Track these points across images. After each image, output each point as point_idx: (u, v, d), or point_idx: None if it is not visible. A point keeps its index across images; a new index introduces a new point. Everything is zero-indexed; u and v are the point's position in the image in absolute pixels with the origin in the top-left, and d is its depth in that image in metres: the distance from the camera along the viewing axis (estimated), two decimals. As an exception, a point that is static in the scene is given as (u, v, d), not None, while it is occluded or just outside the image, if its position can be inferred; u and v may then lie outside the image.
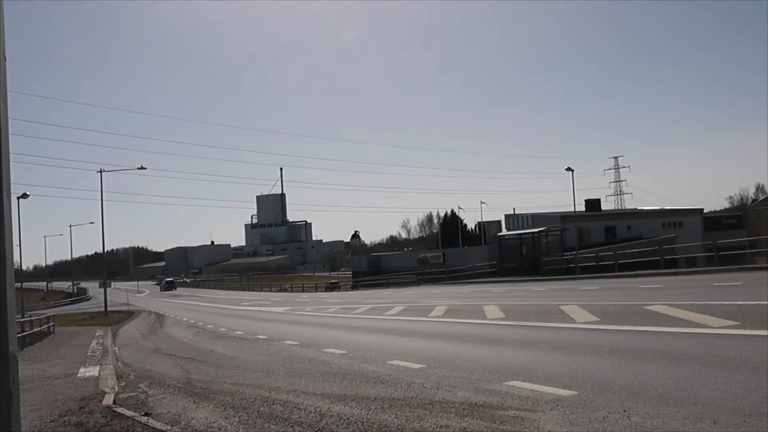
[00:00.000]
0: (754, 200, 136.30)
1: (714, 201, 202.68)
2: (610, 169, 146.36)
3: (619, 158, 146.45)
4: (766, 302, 12.98)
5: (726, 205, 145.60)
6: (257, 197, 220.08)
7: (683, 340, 9.59)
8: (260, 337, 19.28)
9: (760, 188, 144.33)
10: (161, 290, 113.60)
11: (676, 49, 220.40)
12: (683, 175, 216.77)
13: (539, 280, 38.29)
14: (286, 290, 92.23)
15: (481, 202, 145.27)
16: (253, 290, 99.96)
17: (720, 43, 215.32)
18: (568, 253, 47.43)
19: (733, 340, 8.98)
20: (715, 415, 5.19)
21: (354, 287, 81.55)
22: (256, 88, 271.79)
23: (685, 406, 5.59)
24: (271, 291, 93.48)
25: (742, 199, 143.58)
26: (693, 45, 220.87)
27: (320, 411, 7.30)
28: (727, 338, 9.18)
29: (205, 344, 19.31)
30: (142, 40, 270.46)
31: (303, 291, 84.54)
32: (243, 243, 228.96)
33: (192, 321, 33.59)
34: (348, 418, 6.77)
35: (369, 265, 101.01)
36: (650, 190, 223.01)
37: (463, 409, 6.56)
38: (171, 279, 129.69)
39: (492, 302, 21.33)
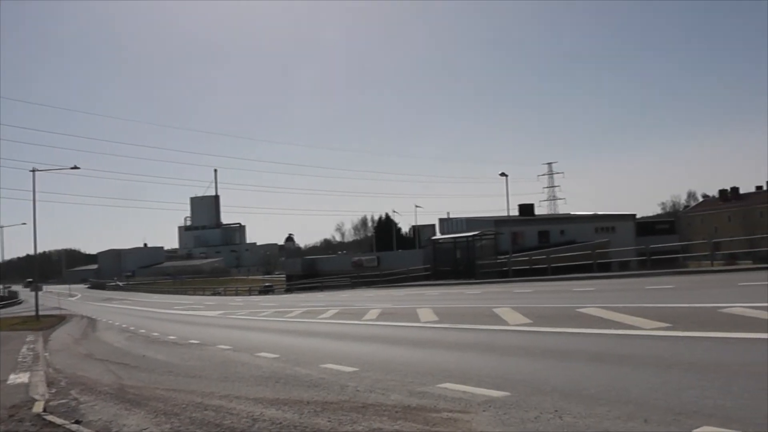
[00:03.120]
0: (686, 206, 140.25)
1: (647, 207, 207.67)
2: (543, 174, 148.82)
3: (552, 164, 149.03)
4: (697, 305, 13.36)
5: (659, 210, 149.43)
6: (191, 199, 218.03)
7: (616, 341, 9.79)
8: (193, 341, 19.02)
9: (691, 195, 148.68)
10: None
11: (608, 55, 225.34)
12: (617, 182, 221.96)
13: (473, 284, 38.65)
14: (219, 294, 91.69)
15: (416, 206, 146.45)
16: (186, 294, 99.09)
17: (654, 48, 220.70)
18: (502, 257, 48.06)
19: (665, 341, 9.22)
20: (646, 413, 5.29)
21: (288, 290, 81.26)
22: (192, 88, 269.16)
23: (617, 405, 5.68)
24: (204, 294, 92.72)
25: (674, 205, 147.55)
26: (625, 51, 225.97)
27: (253, 416, 7.23)
28: (659, 339, 9.41)
29: (138, 349, 18.96)
30: (74, 38, 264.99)
31: (236, 294, 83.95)
32: (176, 245, 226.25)
33: (125, 325, 32.99)
34: (281, 423, 6.71)
35: (303, 268, 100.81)
36: (584, 195, 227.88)
37: (396, 412, 6.56)
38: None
39: (426, 305, 21.46)
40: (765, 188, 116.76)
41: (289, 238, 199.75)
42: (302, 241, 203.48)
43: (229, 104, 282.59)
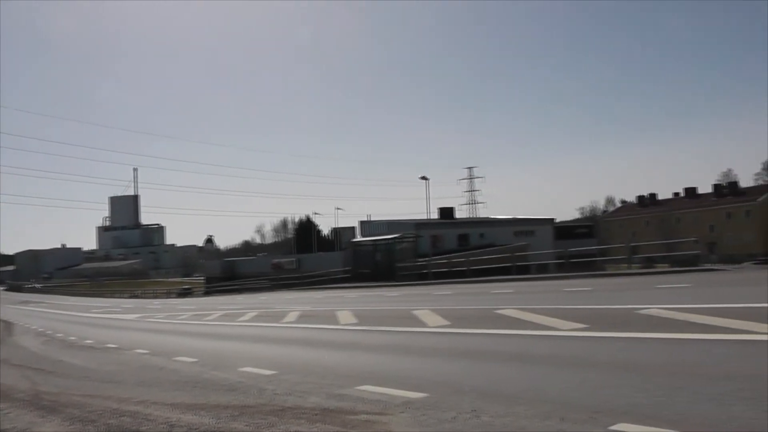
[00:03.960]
0: (604, 211, 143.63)
1: (566, 212, 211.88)
2: (464, 179, 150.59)
3: (474, 169, 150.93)
4: (614, 306, 13.67)
5: (578, 215, 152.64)
6: (110, 198, 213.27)
7: (534, 342, 9.95)
8: (110, 345, 18.60)
9: (610, 200, 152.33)
10: None
11: (525, 64, 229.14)
12: (537, 187, 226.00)
13: (393, 286, 38.77)
14: (137, 296, 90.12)
15: (336, 208, 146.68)
16: (104, 296, 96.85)
17: (575, 55, 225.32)
18: (422, 260, 48.36)
19: (582, 342, 9.41)
20: (563, 412, 5.36)
21: (207, 293, 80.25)
22: (112, 85, 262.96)
23: (534, 405, 5.74)
24: (122, 297, 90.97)
25: (593, 210, 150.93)
26: (547, 56, 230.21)
27: (170, 421, 7.07)
28: (577, 340, 9.60)
29: (55, 354, 18.42)
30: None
31: (155, 297, 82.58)
32: (95, 246, 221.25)
33: (41, 329, 31.99)
34: (198, 428, 6.59)
35: (223, 270, 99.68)
36: (504, 200, 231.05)
37: (315, 415, 6.50)
38: None
39: (345, 308, 21.44)
40: (681, 195, 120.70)
41: (209, 240, 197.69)
42: (222, 242, 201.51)
43: (150, 102, 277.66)
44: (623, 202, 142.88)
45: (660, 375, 6.53)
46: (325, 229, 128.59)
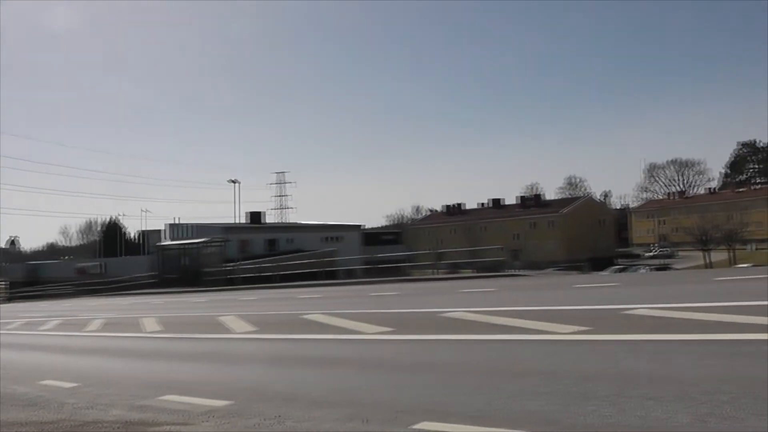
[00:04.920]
0: (411, 219, 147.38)
1: (375, 219, 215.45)
2: (274, 183, 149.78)
3: (285, 173, 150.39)
4: (419, 310, 14.05)
5: (385, 222, 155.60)
6: None
7: (340, 346, 10.05)
8: None
9: (416, 208, 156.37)
10: None
11: (340, 69, 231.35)
12: (347, 193, 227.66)
13: (200, 291, 38.20)
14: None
15: (143, 210, 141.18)
16: None
17: (373, 70, 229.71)
18: (230, 265, 47.86)
19: (388, 345, 9.60)
20: (367, 414, 5.42)
21: (10, 299, 75.51)
22: None
23: (339, 407, 5.78)
24: None
25: (401, 217, 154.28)
26: (354, 68, 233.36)
27: (-40, 443, 6.58)
28: (383, 343, 9.78)
29: None
30: None
31: (-52, 305, 76.54)
32: None
33: None
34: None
35: (26, 275, 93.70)
36: (315, 205, 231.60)
37: (117, 428, 6.25)
38: None
39: (151, 314, 20.89)
40: (486, 205, 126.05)
41: (12, 242, 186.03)
42: (28, 244, 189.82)
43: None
44: (431, 210, 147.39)
45: (462, 374, 6.77)
46: (133, 231, 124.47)
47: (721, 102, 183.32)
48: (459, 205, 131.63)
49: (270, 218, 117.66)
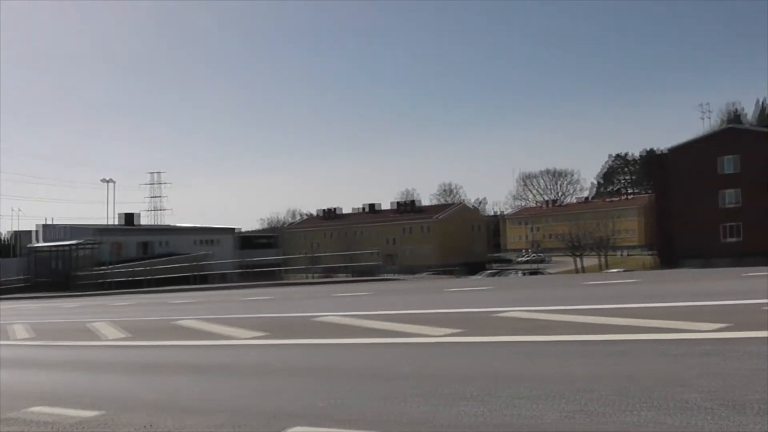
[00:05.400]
0: (287, 223, 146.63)
1: (250, 222, 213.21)
2: (149, 183, 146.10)
3: (161, 174, 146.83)
4: (293, 314, 14.00)
5: (260, 226, 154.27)
6: None
7: (213, 352, 9.89)
8: None
9: (291, 212, 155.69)
10: None
11: (216, 70, 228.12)
12: (223, 195, 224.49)
13: (72, 296, 37.01)
14: None
15: (14, 210, 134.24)
16: None
17: (253, 72, 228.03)
18: (102, 268, 46.52)
19: (261, 350, 9.51)
20: (238, 420, 5.34)
21: None
22: None
23: (209, 415, 5.67)
24: None
25: (275, 221, 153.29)
26: (235, 68, 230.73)
27: None
28: (256, 348, 9.70)
29: None
30: None
31: None
32: None
33: None
34: None
35: None
36: (191, 207, 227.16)
37: (-20, 443, 5.97)
38: None
39: (20, 321, 20.04)
40: (362, 210, 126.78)
41: None
42: None
43: None
44: (307, 214, 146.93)
45: (335, 378, 6.77)
46: (4, 231, 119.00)
47: (595, 115, 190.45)
48: (335, 209, 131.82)
49: (144, 220, 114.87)
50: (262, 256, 45.49)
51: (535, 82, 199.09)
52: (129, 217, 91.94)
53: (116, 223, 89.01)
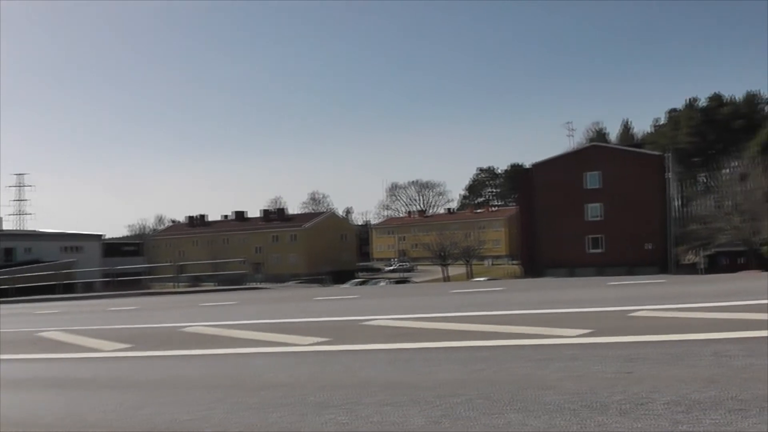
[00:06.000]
0: (154, 230, 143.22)
1: (117, 228, 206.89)
2: (12, 186, 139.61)
3: (24, 176, 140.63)
4: (159, 325, 13.66)
5: (127, 232, 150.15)
6: None
7: (75, 365, 9.51)
8: None
9: (159, 219, 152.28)
10: None
11: (95, 68, 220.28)
12: (88, 200, 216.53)
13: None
14: None
15: None
16: None
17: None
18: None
19: (125, 362, 9.22)
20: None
21: None
22: None
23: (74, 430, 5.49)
24: None
25: (143, 227, 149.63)
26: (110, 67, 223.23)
27: None
28: (120, 360, 9.38)
29: None
30: None
31: None
32: None
33: None
34: None
35: None
36: (57, 212, 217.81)
37: None
38: None
39: None
40: (230, 217, 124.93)
41: None
42: None
43: None
44: (173, 221, 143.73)
45: (202, 390, 6.64)
46: None
47: (464, 129, 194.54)
48: (202, 216, 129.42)
49: (7, 225, 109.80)
50: (128, 264, 44.33)
51: (405, 94, 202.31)
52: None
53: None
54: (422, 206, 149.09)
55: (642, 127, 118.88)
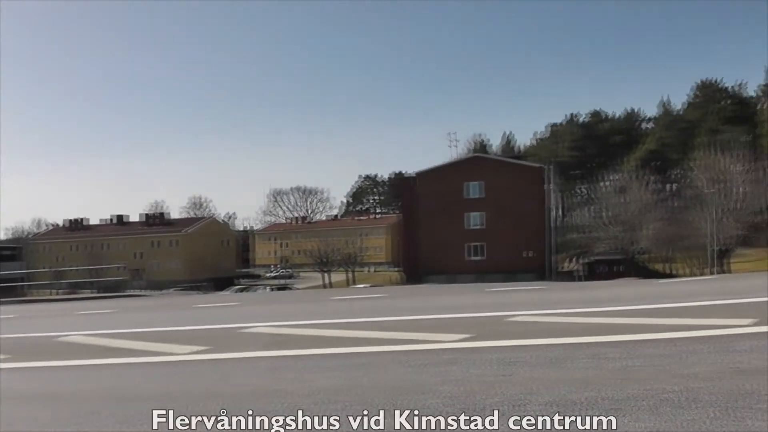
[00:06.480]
0: (32, 233, 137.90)
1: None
2: None
3: None
4: (36, 334, 13.28)
5: (3, 236, 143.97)
6: None
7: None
8: None
9: (38, 222, 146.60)
10: None
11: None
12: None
13: None
14: None
15: None
16: None
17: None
18: None
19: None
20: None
21: None
22: None
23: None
24: None
25: (21, 231, 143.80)
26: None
27: None
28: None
29: None
30: None
31: None
32: None
33: None
34: None
35: None
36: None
37: None
38: None
39: None
40: (110, 221, 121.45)
41: None
42: None
43: None
44: (52, 225, 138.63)
45: (75, 402, 6.51)
46: None
47: (347, 136, 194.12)
48: (82, 220, 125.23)
49: None
50: (4, 270, 42.50)
51: (289, 100, 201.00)
52: None
53: None
54: (305, 212, 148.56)
55: (523, 140, 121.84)
